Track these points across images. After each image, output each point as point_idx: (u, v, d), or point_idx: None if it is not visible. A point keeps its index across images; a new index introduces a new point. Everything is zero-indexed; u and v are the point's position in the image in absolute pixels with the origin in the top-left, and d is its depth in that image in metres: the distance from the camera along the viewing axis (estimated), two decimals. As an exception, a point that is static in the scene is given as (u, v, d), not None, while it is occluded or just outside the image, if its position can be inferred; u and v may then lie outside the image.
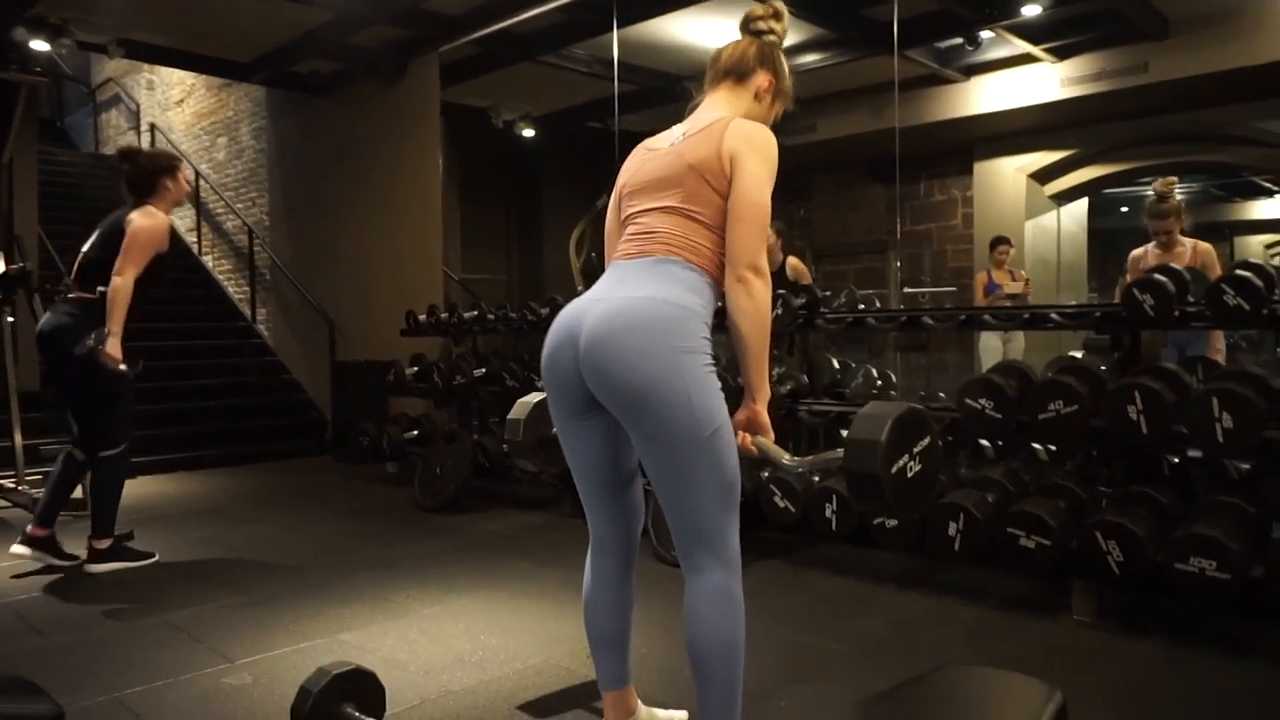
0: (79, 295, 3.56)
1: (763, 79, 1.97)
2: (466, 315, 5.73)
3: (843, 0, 6.10)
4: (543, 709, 2.35)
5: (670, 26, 6.19)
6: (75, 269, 3.63)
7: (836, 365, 4.09)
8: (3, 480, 5.21)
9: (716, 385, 1.75)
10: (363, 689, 2.06)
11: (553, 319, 1.89)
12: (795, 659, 2.67)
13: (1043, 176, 7.92)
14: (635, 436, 1.77)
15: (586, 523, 1.99)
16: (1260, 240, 10.39)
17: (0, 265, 5.17)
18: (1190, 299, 3.10)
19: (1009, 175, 7.92)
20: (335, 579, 3.56)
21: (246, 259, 8.68)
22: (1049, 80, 6.74)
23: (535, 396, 2.29)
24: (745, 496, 3.48)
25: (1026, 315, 3.66)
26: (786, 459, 1.86)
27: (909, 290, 7.91)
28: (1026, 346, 6.20)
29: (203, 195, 9.40)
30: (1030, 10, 6.07)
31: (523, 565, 3.76)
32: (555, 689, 2.47)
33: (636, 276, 1.81)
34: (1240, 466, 3.23)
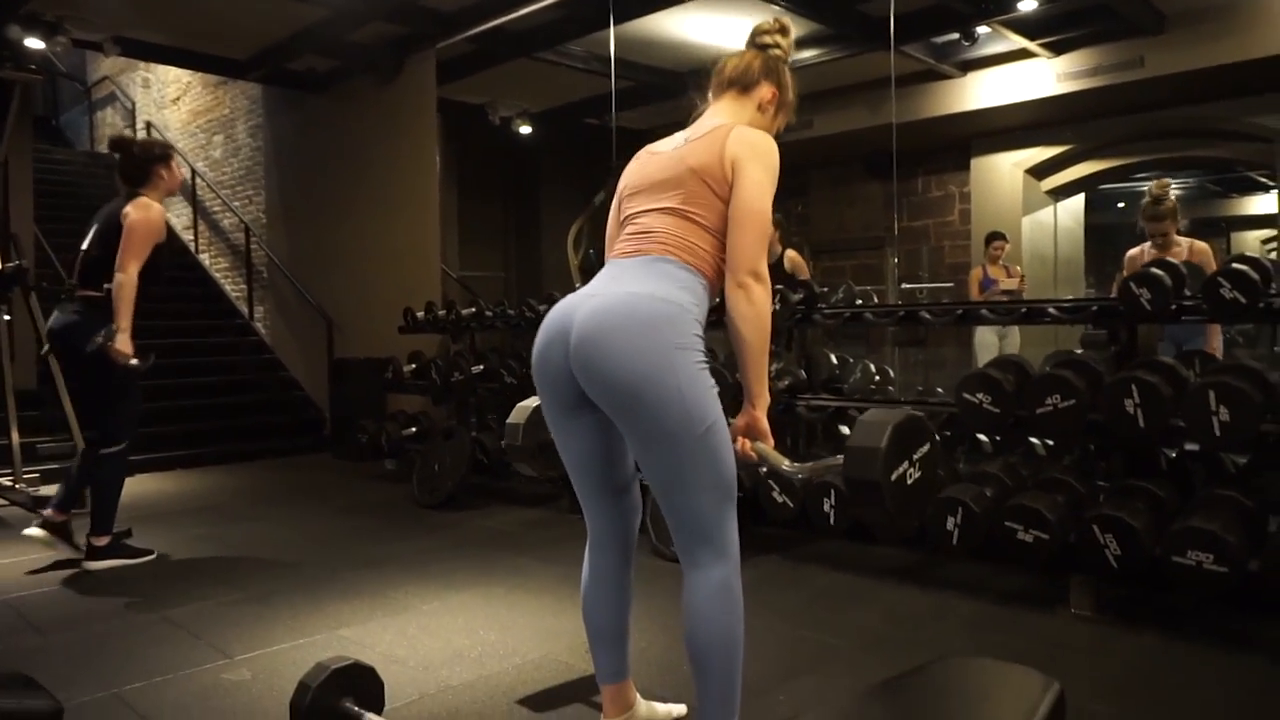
0: (85, 293, 3.60)
1: (766, 91, 1.98)
2: (464, 312, 5.73)
3: (840, -4, 6.11)
4: (541, 703, 2.35)
5: (667, 22, 6.18)
6: (78, 267, 3.65)
7: (834, 360, 4.10)
8: (0, 479, 5.20)
9: (710, 382, 1.75)
10: (361, 684, 2.06)
11: (551, 316, 1.88)
12: (794, 653, 2.68)
13: (1040, 172, 7.93)
14: (628, 434, 1.77)
15: (584, 518, 1.99)
16: (1256, 235, 10.40)
17: (-4, 263, 5.17)
18: (1187, 293, 3.11)
19: (1006, 171, 7.93)
20: (334, 575, 3.57)
21: (243, 257, 8.67)
22: (1045, 75, 6.74)
23: (534, 401, 2.29)
24: (744, 492, 3.50)
25: (1024, 310, 3.67)
26: (786, 465, 1.86)
27: (906, 286, 7.92)
28: (1023, 342, 6.21)
29: (199, 193, 9.38)
30: (1026, 5, 6.07)
31: (521, 561, 3.77)
32: (554, 684, 2.47)
33: (631, 274, 1.81)
34: (1237, 460, 3.24)
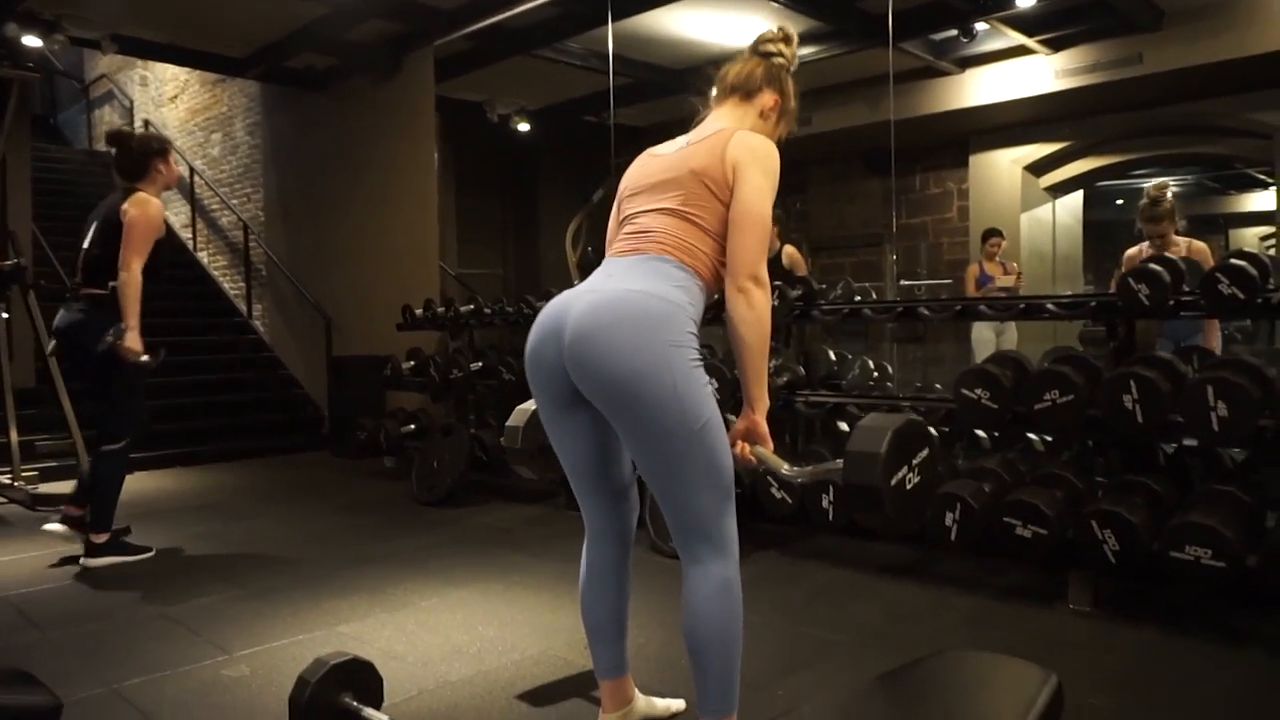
0: (90, 292, 3.61)
1: (769, 98, 1.98)
2: (463, 309, 5.73)
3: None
4: (540, 698, 2.35)
5: (665, 20, 6.18)
6: (80, 266, 3.66)
7: (833, 357, 4.09)
8: (-1, 476, 5.21)
9: (704, 379, 1.75)
10: (361, 679, 2.06)
11: (549, 313, 1.88)
12: (793, 649, 2.68)
13: (1038, 169, 7.93)
14: (622, 431, 1.77)
15: (582, 515, 1.99)
16: (1255, 232, 10.41)
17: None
18: (1185, 288, 3.11)
19: (1004, 168, 7.93)
20: (333, 572, 3.57)
21: (242, 255, 8.67)
22: (1043, 72, 6.74)
23: (533, 404, 2.28)
24: (743, 489, 3.50)
25: (1022, 305, 3.67)
26: (786, 469, 1.86)
27: (905, 283, 7.93)
28: (1021, 339, 6.21)
29: (197, 191, 9.38)
30: (1024, 2, 6.07)
31: (520, 558, 3.77)
32: (553, 679, 2.47)
33: (627, 271, 1.81)
34: (1235, 455, 3.24)
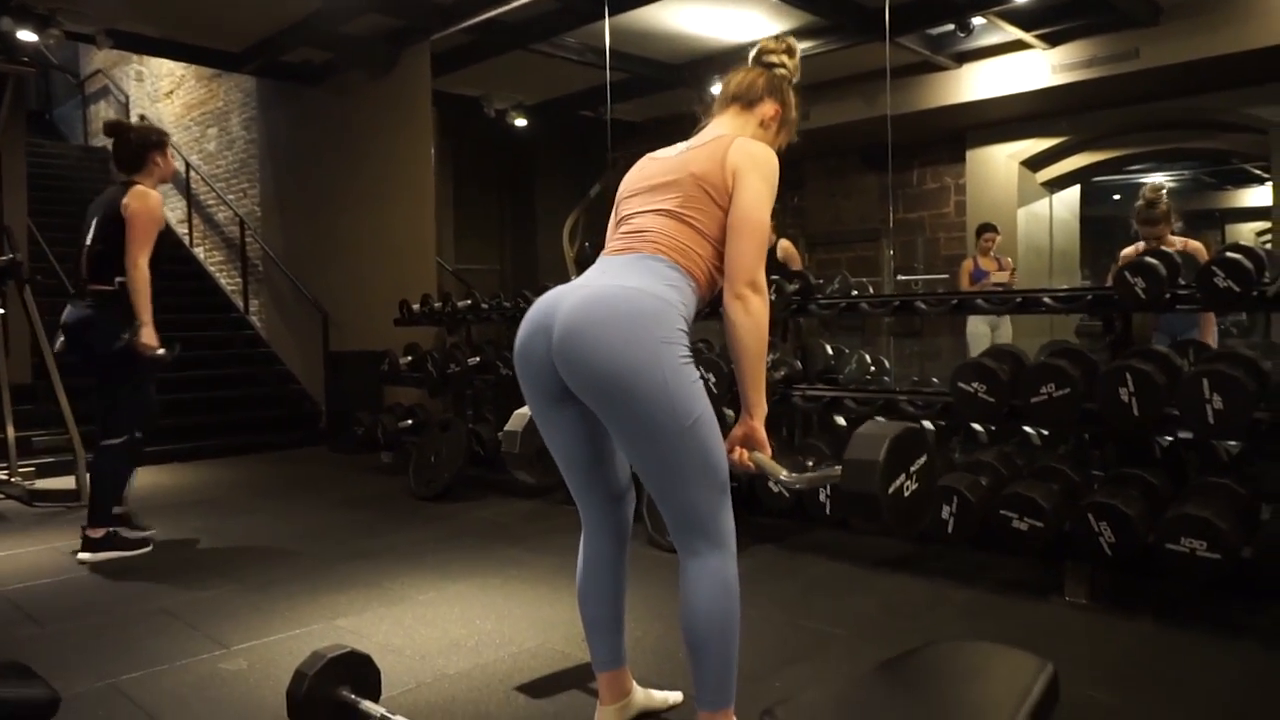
0: (96, 288, 3.63)
1: (769, 108, 1.99)
2: (460, 304, 5.73)
3: (835, -13, 6.10)
4: (538, 691, 2.36)
5: (662, 14, 6.17)
6: (85, 263, 3.67)
7: (830, 351, 4.10)
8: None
9: (694, 375, 1.75)
10: (358, 672, 2.07)
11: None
12: (790, 641, 2.69)
13: (1035, 164, 7.93)
14: (612, 428, 1.76)
15: (578, 509, 2.00)
16: (1252, 228, 10.42)
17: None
18: (1181, 282, 3.12)
19: (1001, 162, 7.92)
20: (330, 567, 3.57)
21: (238, 250, 8.65)
22: (1040, 67, 6.74)
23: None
24: (739, 483, 3.50)
25: (1019, 299, 3.67)
26: (784, 475, 1.86)
27: (902, 278, 7.92)
28: (1017, 333, 6.21)
29: (193, 186, 9.36)
30: (1021, -4, 6.07)
31: (517, 552, 3.77)
32: (550, 671, 2.48)
33: (619, 269, 1.82)
34: (1230, 448, 3.25)
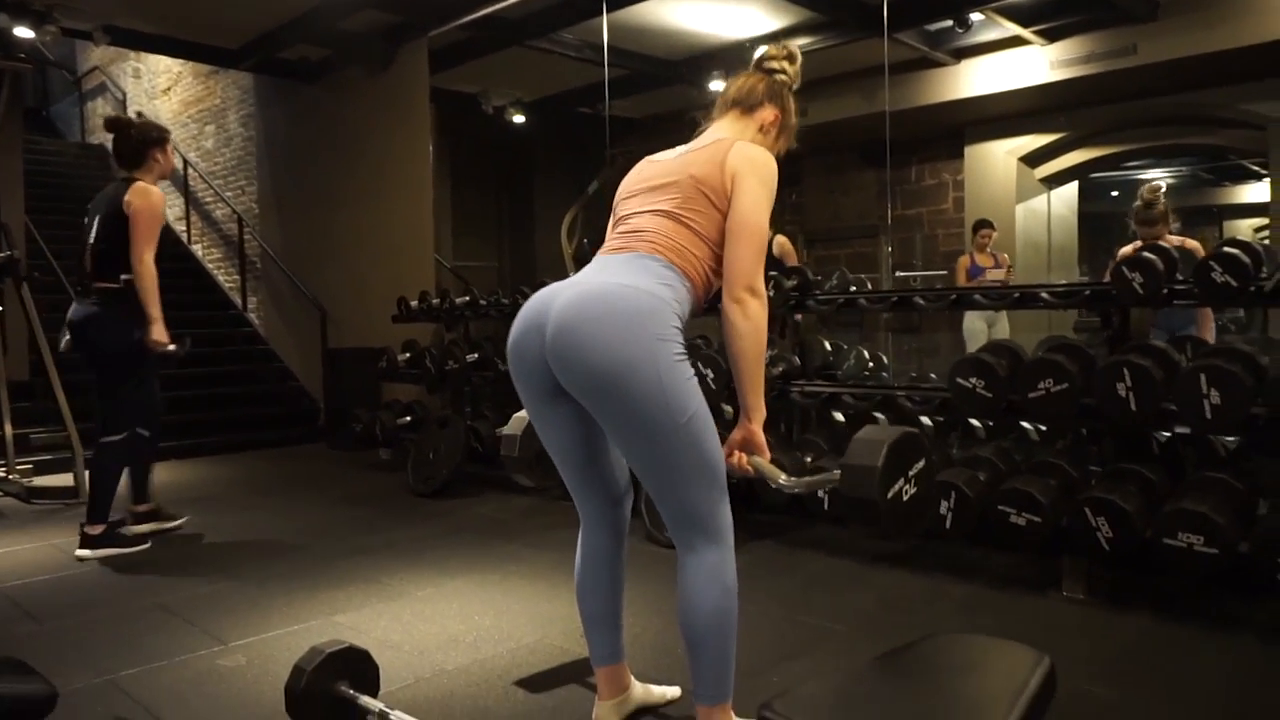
0: (102, 285, 3.64)
1: (769, 113, 1.99)
2: (458, 301, 5.72)
3: (833, -17, 6.10)
4: (537, 686, 2.36)
5: (660, 10, 6.16)
6: (89, 260, 3.68)
7: (828, 347, 4.10)
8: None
9: (689, 373, 1.75)
10: (357, 667, 2.07)
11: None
12: (788, 636, 2.69)
13: (1033, 160, 7.93)
14: (607, 426, 1.76)
15: (575, 505, 2.00)
16: (1249, 224, 10.42)
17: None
18: (1179, 277, 3.12)
19: (999, 159, 7.92)
20: (329, 563, 3.57)
21: (236, 248, 8.64)
22: (1038, 63, 6.73)
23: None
24: (737, 480, 3.50)
25: (1017, 295, 3.67)
26: (783, 479, 1.86)
27: (900, 274, 7.92)
28: (1015, 329, 6.21)
29: (191, 184, 9.35)
30: (1019, -8, 6.07)
31: (515, 548, 3.77)
32: (549, 667, 2.48)
33: (614, 267, 1.82)
34: (1228, 443, 3.25)
